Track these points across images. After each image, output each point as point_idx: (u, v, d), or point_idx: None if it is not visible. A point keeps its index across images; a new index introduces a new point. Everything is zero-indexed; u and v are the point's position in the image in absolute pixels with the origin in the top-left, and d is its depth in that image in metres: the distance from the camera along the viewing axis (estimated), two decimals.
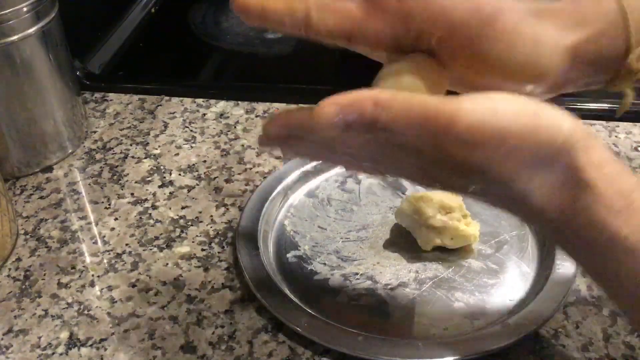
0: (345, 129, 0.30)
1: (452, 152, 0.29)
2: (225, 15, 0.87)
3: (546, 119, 0.29)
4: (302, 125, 0.34)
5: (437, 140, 0.29)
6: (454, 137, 0.29)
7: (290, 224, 0.52)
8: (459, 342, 0.42)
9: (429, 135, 0.29)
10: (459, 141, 0.29)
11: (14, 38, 0.52)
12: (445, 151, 0.29)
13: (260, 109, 0.66)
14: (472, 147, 0.29)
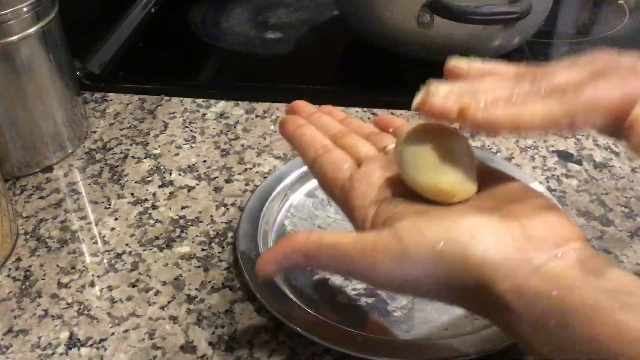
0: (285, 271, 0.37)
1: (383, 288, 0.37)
2: (225, 15, 0.87)
3: (452, 265, 0.30)
4: None
5: (365, 282, 0.35)
6: (379, 284, 0.34)
7: (290, 224, 0.52)
8: (459, 342, 0.41)
9: (357, 278, 0.35)
10: (384, 285, 0.33)
11: (14, 38, 0.52)
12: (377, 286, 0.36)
13: (260, 109, 0.66)
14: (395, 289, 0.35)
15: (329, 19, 0.85)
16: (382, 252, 0.32)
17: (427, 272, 0.31)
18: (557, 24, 0.83)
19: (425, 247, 0.31)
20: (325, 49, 0.82)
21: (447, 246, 0.30)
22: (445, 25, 0.66)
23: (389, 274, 0.32)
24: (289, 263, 0.35)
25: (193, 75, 0.77)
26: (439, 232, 0.31)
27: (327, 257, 0.34)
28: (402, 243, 0.32)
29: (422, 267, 0.31)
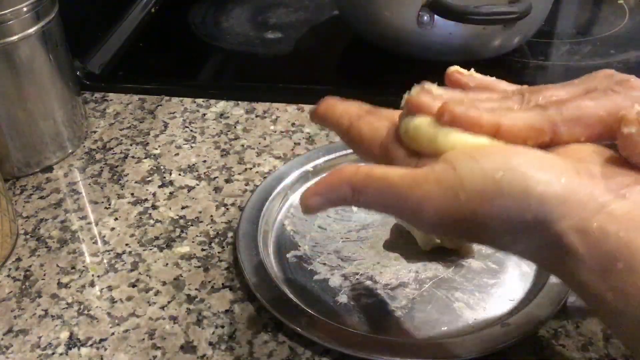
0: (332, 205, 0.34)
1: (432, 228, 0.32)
2: (225, 15, 0.87)
3: (512, 195, 0.28)
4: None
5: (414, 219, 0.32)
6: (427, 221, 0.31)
7: (290, 224, 0.52)
8: (458, 342, 0.42)
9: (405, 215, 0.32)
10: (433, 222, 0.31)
11: (14, 38, 0.52)
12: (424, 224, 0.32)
13: (260, 109, 0.66)
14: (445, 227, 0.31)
15: (329, 19, 0.85)
16: (435, 183, 0.30)
17: (483, 206, 0.29)
18: (557, 24, 0.83)
19: (481, 176, 0.29)
20: (325, 49, 0.81)
21: (507, 176, 0.28)
22: (445, 25, 0.66)
23: (440, 208, 0.30)
24: (335, 196, 0.33)
25: (193, 75, 0.77)
26: (497, 162, 0.29)
27: (376, 190, 0.32)
28: (456, 172, 0.29)
29: (478, 199, 0.29)
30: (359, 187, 0.32)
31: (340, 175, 0.33)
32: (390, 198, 0.31)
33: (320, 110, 0.40)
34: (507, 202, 0.28)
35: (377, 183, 0.32)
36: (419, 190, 0.30)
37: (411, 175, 0.31)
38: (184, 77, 0.76)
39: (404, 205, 0.31)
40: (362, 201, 0.32)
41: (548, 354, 0.42)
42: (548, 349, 0.42)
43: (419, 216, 0.31)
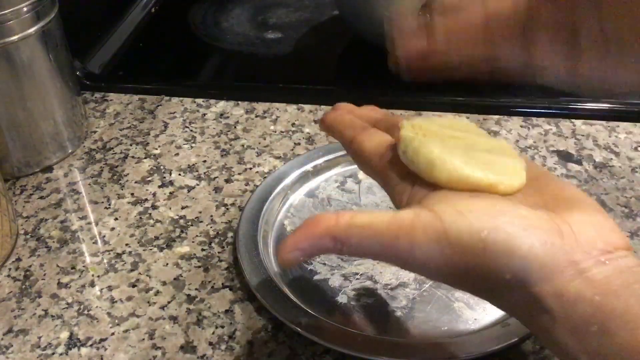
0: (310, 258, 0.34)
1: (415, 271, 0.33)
2: (225, 15, 0.87)
3: (495, 255, 0.29)
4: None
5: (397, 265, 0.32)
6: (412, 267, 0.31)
7: (290, 224, 0.52)
8: (458, 342, 0.42)
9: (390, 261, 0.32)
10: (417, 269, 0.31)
11: (14, 38, 0.52)
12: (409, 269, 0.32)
13: (260, 109, 0.66)
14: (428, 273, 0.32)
15: (329, 19, 0.85)
16: (421, 232, 0.30)
17: (466, 261, 0.29)
18: None
19: (467, 232, 0.29)
20: (325, 49, 0.81)
21: (491, 235, 0.29)
22: None
23: (425, 257, 0.30)
24: (315, 249, 0.32)
25: (193, 75, 0.77)
26: (484, 219, 0.29)
27: (359, 240, 0.31)
28: (443, 224, 0.30)
29: (462, 254, 0.29)
30: (341, 238, 0.31)
31: (319, 227, 0.32)
32: (376, 246, 0.31)
33: (328, 120, 0.41)
34: (490, 260, 0.29)
35: (360, 233, 0.31)
36: (405, 237, 0.30)
37: (397, 223, 0.31)
38: (184, 77, 0.76)
39: (390, 253, 0.31)
40: (345, 251, 0.32)
41: (548, 354, 0.42)
42: (548, 349, 0.42)
43: (404, 263, 0.31)
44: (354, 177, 0.56)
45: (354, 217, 0.31)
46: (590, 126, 0.62)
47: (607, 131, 0.61)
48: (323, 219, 0.32)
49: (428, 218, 0.30)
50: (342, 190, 0.55)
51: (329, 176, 0.56)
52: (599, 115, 0.63)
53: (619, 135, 0.61)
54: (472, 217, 0.30)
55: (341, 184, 0.55)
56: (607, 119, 0.62)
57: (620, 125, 0.62)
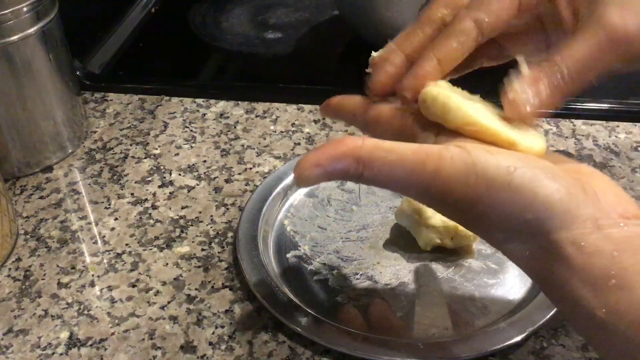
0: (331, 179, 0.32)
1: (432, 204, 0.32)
2: (225, 15, 0.87)
3: (521, 194, 0.29)
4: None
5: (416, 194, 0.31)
6: (431, 197, 0.31)
7: (290, 224, 0.52)
8: (459, 342, 0.42)
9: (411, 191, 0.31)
10: (436, 200, 0.31)
11: (14, 38, 0.52)
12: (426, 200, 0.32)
13: (260, 109, 0.66)
14: (446, 206, 0.31)
15: (329, 19, 0.85)
16: (448, 160, 0.30)
17: (489, 193, 0.29)
18: None
19: (495, 165, 0.29)
20: (325, 49, 0.81)
21: (519, 171, 0.29)
22: None
23: (449, 185, 0.30)
24: (337, 168, 0.31)
25: (193, 75, 0.77)
26: (512, 159, 0.30)
27: (383, 164, 0.30)
28: (471, 156, 0.29)
29: (486, 186, 0.29)
30: (365, 160, 0.30)
31: (344, 146, 0.31)
32: (400, 172, 0.30)
33: (332, 102, 0.40)
34: (514, 196, 0.29)
35: (386, 156, 0.30)
36: (431, 165, 0.30)
37: (424, 150, 0.30)
38: (184, 77, 0.76)
39: (413, 180, 0.30)
40: (366, 175, 0.31)
41: (548, 354, 0.42)
42: (548, 349, 0.42)
43: (426, 192, 0.30)
44: None
45: (380, 142, 0.31)
46: (590, 126, 0.62)
47: (607, 131, 0.61)
48: (348, 140, 0.31)
49: (456, 150, 0.30)
50: (342, 190, 0.55)
51: None
52: (599, 115, 0.63)
53: (619, 135, 0.61)
54: (500, 155, 0.30)
55: (341, 184, 0.55)
56: (607, 119, 0.62)
57: (620, 125, 0.62)
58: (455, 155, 0.30)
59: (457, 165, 0.29)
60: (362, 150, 0.30)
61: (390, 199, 0.53)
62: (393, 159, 0.30)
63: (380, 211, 0.53)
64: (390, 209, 0.52)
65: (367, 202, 0.54)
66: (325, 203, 0.54)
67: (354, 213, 0.53)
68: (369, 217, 0.52)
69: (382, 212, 0.52)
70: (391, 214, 0.52)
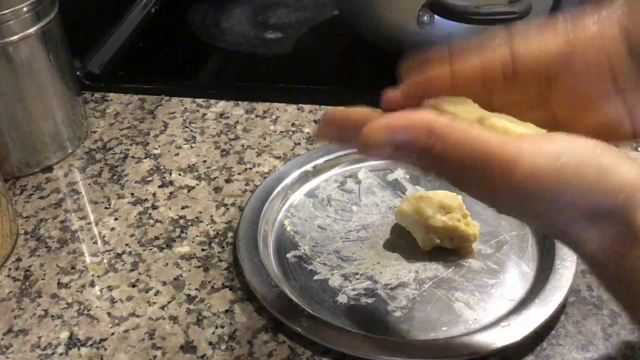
0: (395, 150, 0.30)
1: (507, 197, 0.29)
2: (225, 15, 0.87)
3: (609, 176, 0.28)
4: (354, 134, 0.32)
5: (492, 183, 0.29)
6: (511, 186, 0.28)
7: (290, 224, 0.52)
8: (459, 342, 0.42)
9: (484, 176, 0.29)
10: (516, 190, 0.28)
11: (14, 38, 0.52)
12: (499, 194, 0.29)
13: (260, 109, 0.66)
14: (528, 197, 0.29)
15: (329, 19, 0.85)
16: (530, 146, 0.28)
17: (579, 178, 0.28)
18: None
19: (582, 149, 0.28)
20: (325, 49, 0.81)
21: (604, 156, 0.28)
22: (445, 25, 0.66)
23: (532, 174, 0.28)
24: (407, 137, 0.29)
25: (193, 75, 0.77)
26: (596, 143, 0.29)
27: (457, 141, 0.28)
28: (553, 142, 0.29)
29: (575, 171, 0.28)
30: (439, 133, 0.28)
31: (419, 117, 0.29)
32: (474, 153, 0.28)
33: (337, 114, 0.36)
34: (603, 178, 0.28)
35: (462, 134, 0.28)
36: (513, 148, 0.28)
37: (501, 136, 0.29)
38: (184, 77, 0.76)
39: (491, 163, 0.28)
40: (436, 150, 0.28)
41: (548, 354, 0.42)
42: (548, 349, 0.42)
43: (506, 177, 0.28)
44: (354, 177, 0.56)
45: (456, 122, 0.29)
46: None
47: None
48: (424, 112, 0.29)
49: (538, 136, 0.29)
50: (342, 190, 0.55)
51: (329, 176, 0.56)
52: None
53: None
54: (581, 141, 0.29)
55: (341, 184, 0.55)
56: None
57: None
58: (536, 140, 0.28)
59: (542, 149, 0.28)
60: (438, 123, 0.29)
61: (390, 199, 0.53)
62: (468, 137, 0.28)
63: (380, 211, 0.53)
64: (390, 209, 0.52)
65: (367, 202, 0.54)
66: (325, 203, 0.54)
67: (354, 213, 0.53)
68: (369, 217, 0.52)
69: (382, 212, 0.52)
70: (391, 214, 0.52)
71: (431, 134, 0.28)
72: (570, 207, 0.29)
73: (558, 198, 0.28)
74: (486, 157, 0.28)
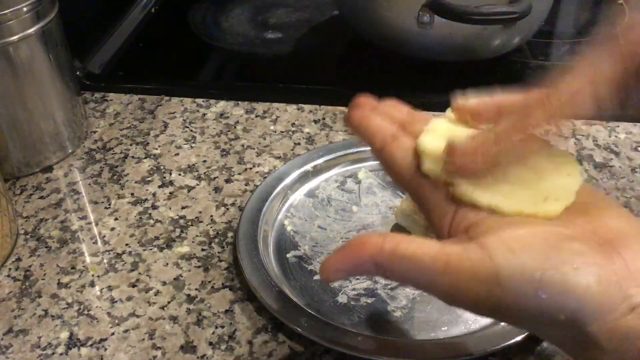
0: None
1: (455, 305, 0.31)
2: (225, 15, 0.87)
3: (550, 297, 0.28)
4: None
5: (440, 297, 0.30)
6: (453, 302, 0.30)
7: (290, 224, 0.52)
8: (459, 342, 0.42)
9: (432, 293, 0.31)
10: (458, 304, 0.30)
11: (14, 38, 0.52)
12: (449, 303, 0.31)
13: (260, 109, 0.66)
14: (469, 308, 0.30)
15: (329, 19, 0.85)
16: (469, 272, 0.29)
17: (518, 303, 0.28)
18: (557, 24, 0.83)
19: (520, 273, 0.28)
20: (325, 49, 0.81)
21: (546, 277, 0.27)
22: (445, 25, 0.66)
23: (472, 297, 0.29)
24: (357, 272, 0.32)
25: (193, 75, 0.77)
26: (537, 258, 0.28)
27: (403, 271, 0.30)
28: (494, 265, 0.28)
29: (514, 297, 0.28)
30: (383, 265, 0.30)
31: (363, 252, 0.31)
32: (420, 279, 0.30)
33: (354, 119, 0.38)
34: (544, 302, 0.28)
35: (404, 264, 0.30)
36: (451, 276, 0.29)
37: (443, 260, 0.29)
38: (184, 77, 0.76)
39: (436, 289, 0.30)
40: (388, 277, 0.31)
41: (548, 354, 0.42)
42: (548, 349, 0.42)
43: (450, 300, 0.30)
44: (354, 177, 0.56)
45: (399, 245, 0.30)
46: (590, 126, 0.62)
47: (607, 131, 0.61)
48: (368, 244, 0.31)
49: (477, 255, 0.29)
50: (342, 190, 0.55)
51: (329, 176, 0.56)
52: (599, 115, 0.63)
53: (619, 135, 0.61)
54: (524, 256, 0.28)
55: (341, 184, 0.55)
56: (607, 119, 0.62)
57: (620, 125, 0.62)
58: (476, 263, 0.29)
59: (480, 277, 0.28)
60: (381, 257, 0.30)
61: (391, 199, 0.53)
62: (412, 267, 0.30)
63: (380, 211, 0.53)
64: (390, 209, 0.52)
65: (367, 202, 0.54)
66: (325, 203, 0.54)
67: (354, 213, 0.53)
68: (369, 217, 0.52)
69: (382, 212, 0.52)
70: (391, 214, 0.52)
71: (377, 267, 0.31)
72: (514, 320, 0.30)
73: (498, 314, 0.30)
74: (431, 286, 0.30)
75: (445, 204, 0.33)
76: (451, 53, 0.69)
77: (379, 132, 0.37)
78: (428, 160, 0.33)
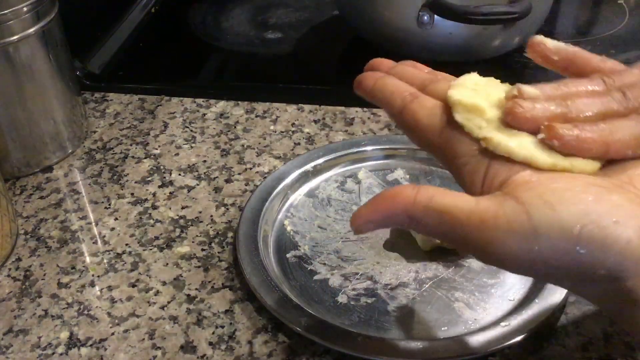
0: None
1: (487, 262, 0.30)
2: (225, 15, 0.87)
3: (589, 252, 0.27)
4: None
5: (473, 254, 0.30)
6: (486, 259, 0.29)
7: (290, 224, 0.52)
8: (459, 342, 0.42)
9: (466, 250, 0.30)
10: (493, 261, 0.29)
11: (14, 38, 0.52)
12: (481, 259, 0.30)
13: (260, 109, 0.66)
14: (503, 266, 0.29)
15: (329, 19, 0.85)
16: (505, 229, 0.28)
17: (556, 258, 0.27)
18: (557, 24, 0.83)
19: (559, 229, 0.27)
20: (325, 49, 0.81)
21: (585, 231, 0.27)
22: (445, 25, 0.66)
23: (508, 253, 0.28)
24: (389, 223, 0.31)
25: (193, 75, 0.77)
26: (575, 213, 0.27)
27: (436, 225, 0.29)
28: (531, 221, 0.27)
29: (552, 252, 0.27)
30: (417, 219, 0.30)
31: (396, 203, 0.30)
32: (454, 234, 0.29)
33: (368, 82, 0.37)
34: (583, 257, 0.27)
35: (438, 218, 0.29)
36: (487, 233, 0.28)
37: (479, 215, 0.29)
38: (184, 77, 0.76)
39: (469, 244, 0.29)
40: (420, 229, 0.30)
41: (548, 354, 0.42)
42: (548, 349, 0.42)
43: (484, 256, 0.29)
44: (354, 177, 0.56)
45: (433, 198, 0.29)
46: None
47: None
48: (401, 194, 0.30)
49: (514, 211, 0.28)
50: (342, 190, 0.55)
51: (329, 176, 0.56)
52: None
53: None
54: (562, 210, 0.27)
55: (341, 183, 0.55)
56: None
57: None
58: (513, 219, 0.28)
59: (517, 233, 0.28)
60: (414, 209, 0.30)
61: None
62: (446, 220, 0.29)
63: None
64: None
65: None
66: (325, 203, 0.54)
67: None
68: None
69: None
70: None
71: (410, 219, 0.30)
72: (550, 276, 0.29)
73: (536, 271, 0.29)
74: (464, 241, 0.29)
75: (478, 159, 0.31)
76: (451, 53, 0.69)
77: (397, 92, 0.35)
78: (463, 110, 0.32)
